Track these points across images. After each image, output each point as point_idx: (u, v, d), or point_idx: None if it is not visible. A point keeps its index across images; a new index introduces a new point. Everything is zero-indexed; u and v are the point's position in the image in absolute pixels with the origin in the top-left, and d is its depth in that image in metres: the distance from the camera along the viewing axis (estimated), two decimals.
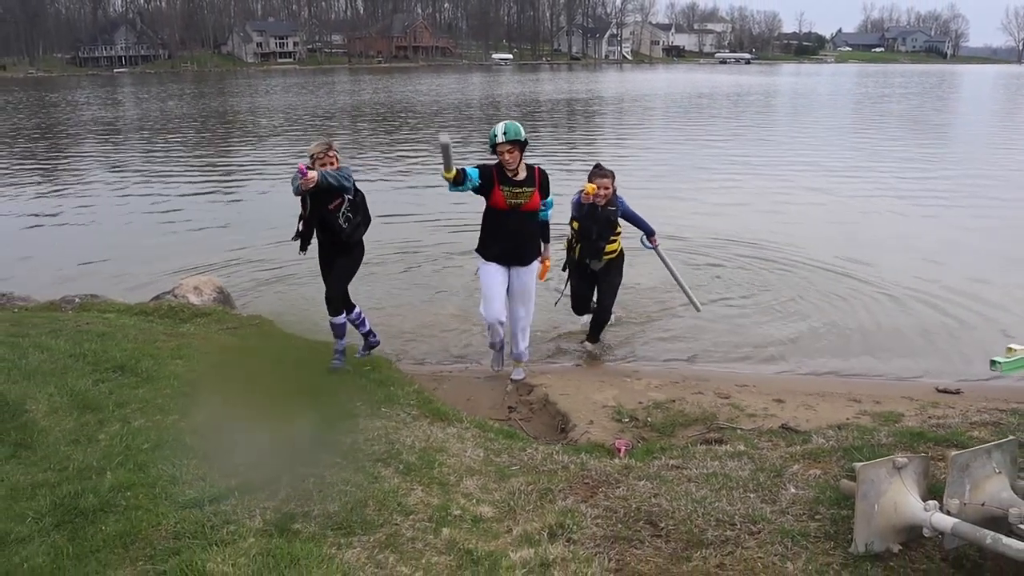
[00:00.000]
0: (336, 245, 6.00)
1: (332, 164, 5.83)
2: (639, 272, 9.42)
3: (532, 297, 6.43)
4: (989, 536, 2.93)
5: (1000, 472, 3.19)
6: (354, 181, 5.94)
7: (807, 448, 4.50)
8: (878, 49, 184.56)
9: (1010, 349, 3.11)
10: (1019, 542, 2.88)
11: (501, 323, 6.31)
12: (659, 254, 7.68)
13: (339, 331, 6.19)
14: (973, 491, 3.15)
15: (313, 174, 5.52)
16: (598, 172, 6.93)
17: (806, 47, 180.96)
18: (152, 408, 4.99)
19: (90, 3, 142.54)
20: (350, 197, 5.89)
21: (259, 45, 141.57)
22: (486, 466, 4.45)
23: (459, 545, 3.54)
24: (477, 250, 6.33)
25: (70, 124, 35.88)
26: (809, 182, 17.23)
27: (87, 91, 67.85)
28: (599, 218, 6.97)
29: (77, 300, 7.94)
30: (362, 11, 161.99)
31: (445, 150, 5.56)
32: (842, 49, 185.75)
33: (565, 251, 7.49)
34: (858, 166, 19.54)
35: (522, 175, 5.96)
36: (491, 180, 5.91)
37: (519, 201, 5.96)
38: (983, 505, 3.13)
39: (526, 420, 5.79)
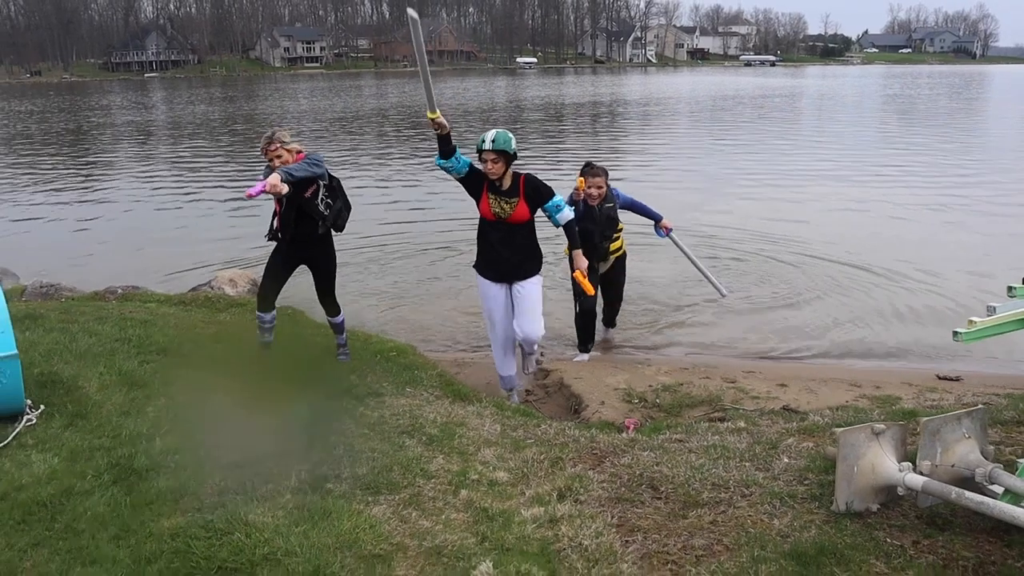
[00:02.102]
0: (312, 240, 5.76)
1: (280, 157, 5.52)
2: (655, 267, 9.73)
3: (539, 307, 5.89)
4: (954, 492, 3.24)
5: (970, 437, 3.48)
6: (325, 167, 5.64)
7: (803, 425, 4.81)
8: (905, 50, 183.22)
9: (971, 322, 3.40)
10: (978, 495, 3.19)
11: (509, 344, 6.04)
12: (674, 240, 7.50)
13: (339, 328, 6.22)
14: (944, 454, 3.45)
15: (279, 186, 5.19)
16: (589, 171, 6.69)
17: (832, 49, 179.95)
18: (195, 386, 5.37)
19: (122, 10, 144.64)
20: (325, 183, 5.66)
21: (287, 50, 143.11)
22: (502, 438, 4.80)
23: (476, 504, 3.90)
24: (474, 266, 6.03)
25: (105, 127, 36.69)
26: (835, 183, 17.37)
27: (120, 95, 69.04)
28: (599, 218, 6.74)
29: (120, 291, 8.38)
30: (388, 16, 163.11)
31: (419, 51, 5.08)
32: (868, 51, 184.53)
33: (567, 259, 6.86)
34: (884, 167, 19.61)
35: (507, 184, 5.62)
36: (481, 181, 5.65)
37: (504, 212, 5.63)
38: (952, 466, 3.43)
39: (541, 402, 6.15)
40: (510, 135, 5.56)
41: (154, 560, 3.30)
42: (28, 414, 4.78)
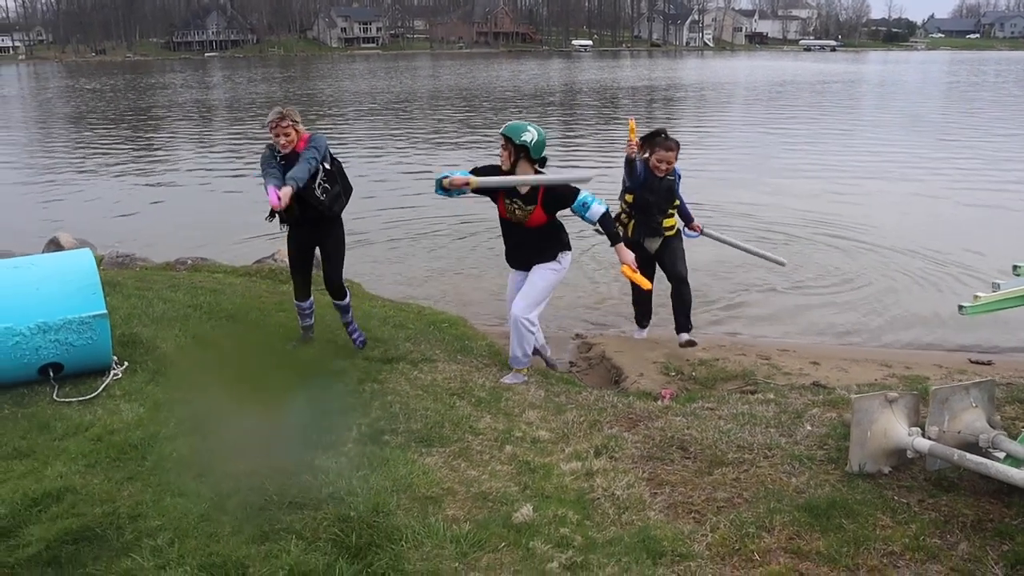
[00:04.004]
0: (315, 223, 5.65)
1: (288, 135, 5.40)
2: (699, 252, 9.98)
3: (537, 293, 5.58)
4: (956, 453, 3.53)
5: (977, 406, 3.75)
6: (328, 153, 5.56)
7: (829, 398, 5.09)
8: (973, 36, 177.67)
9: (976, 297, 3.66)
10: (979, 457, 3.47)
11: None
12: (709, 235, 7.13)
13: (343, 310, 5.98)
14: (952, 421, 3.73)
15: (286, 192, 5.15)
16: (662, 143, 6.27)
17: (895, 34, 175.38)
18: (262, 348, 5.85)
19: None
20: (326, 166, 5.53)
21: (343, 30, 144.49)
22: (546, 403, 5.18)
23: (519, 458, 4.28)
24: (506, 259, 5.89)
25: (169, 106, 37.74)
26: (892, 171, 17.21)
27: (181, 74, 70.62)
28: (658, 189, 6.34)
29: (189, 262, 8.93)
30: None
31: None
32: (934, 36, 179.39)
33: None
34: (943, 157, 19.31)
35: (525, 188, 5.37)
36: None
37: (517, 218, 5.46)
38: (959, 433, 3.71)
39: (584, 373, 6.50)
40: (529, 129, 5.28)
41: (233, 495, 3.72)
42: (114, 369, 5.29)
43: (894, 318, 8.24)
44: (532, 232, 5.49)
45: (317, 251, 5.99)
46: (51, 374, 5.05)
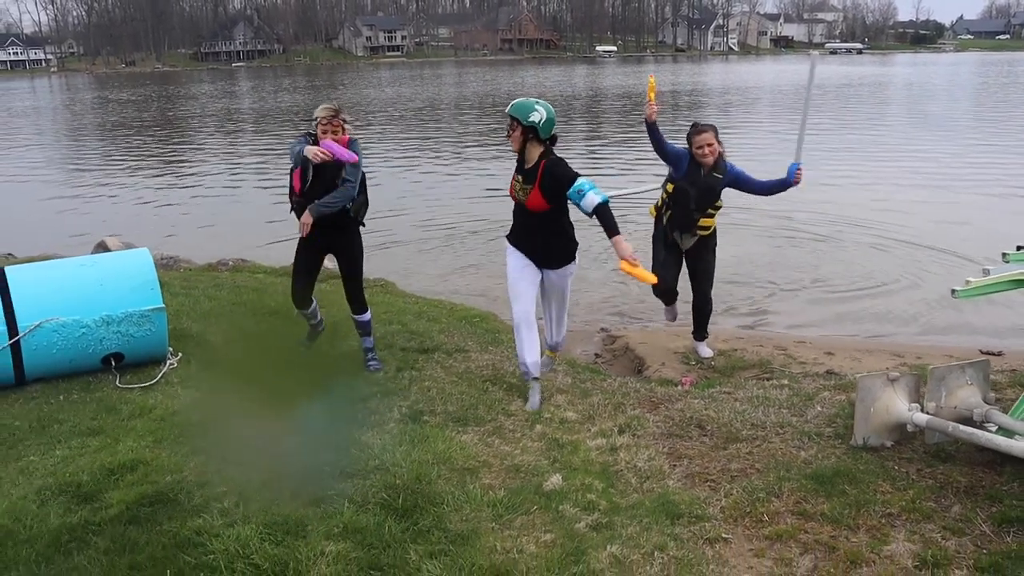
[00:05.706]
0: (335, 226, 5.38)
1: (336, 133, 5.18)
2: (726, 252, 10.26)
3: (567, 298, 5.44)
4: (951, 425, 3.83)
5: (972, 384, 4.05)
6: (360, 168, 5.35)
7: (840, 383, 5.39)
8: (1003, 36, 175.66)
9: (968, 281, 3.95)
10: (968, 428, 3.78)
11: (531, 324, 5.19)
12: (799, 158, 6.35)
13: (365, 328, 5.74)
14: (948, 397, 4.03)
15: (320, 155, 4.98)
16: (695, 130, 5.96)
17: (923, 36, 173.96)
18: (304, 342, 6.23)
19: (211, 1, 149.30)
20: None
21: (368, 39, 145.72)
22: (573, 388, 5.52)
23: (549, 436, 4.64)
24: (507, 237, 5.40)
25: (199, 116, 38.49)
26: (917, 169, 17.42)
27: (210, 85, 71.67)
28: (700, 184, 5.96)
29: (231, 263, 9.37)
30: (468, 5, 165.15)
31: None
32: (963, 37, 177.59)
33: (654, 220, 6.39)
34: (969, 158, 19.29)
35: (528, 165, 5.04)
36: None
37: (520, 196, 5.10)
38: (955, 408, 4.01)
39: (608, 363, 6.84)
40: (536, 108, 4.96)
41: (289, 466, 4.10)
42: (170, 359, 5.71)
43: (927, 323, 8.24)
44: (535, 217, 5.06)
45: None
46: (112, 363, 5.48)
